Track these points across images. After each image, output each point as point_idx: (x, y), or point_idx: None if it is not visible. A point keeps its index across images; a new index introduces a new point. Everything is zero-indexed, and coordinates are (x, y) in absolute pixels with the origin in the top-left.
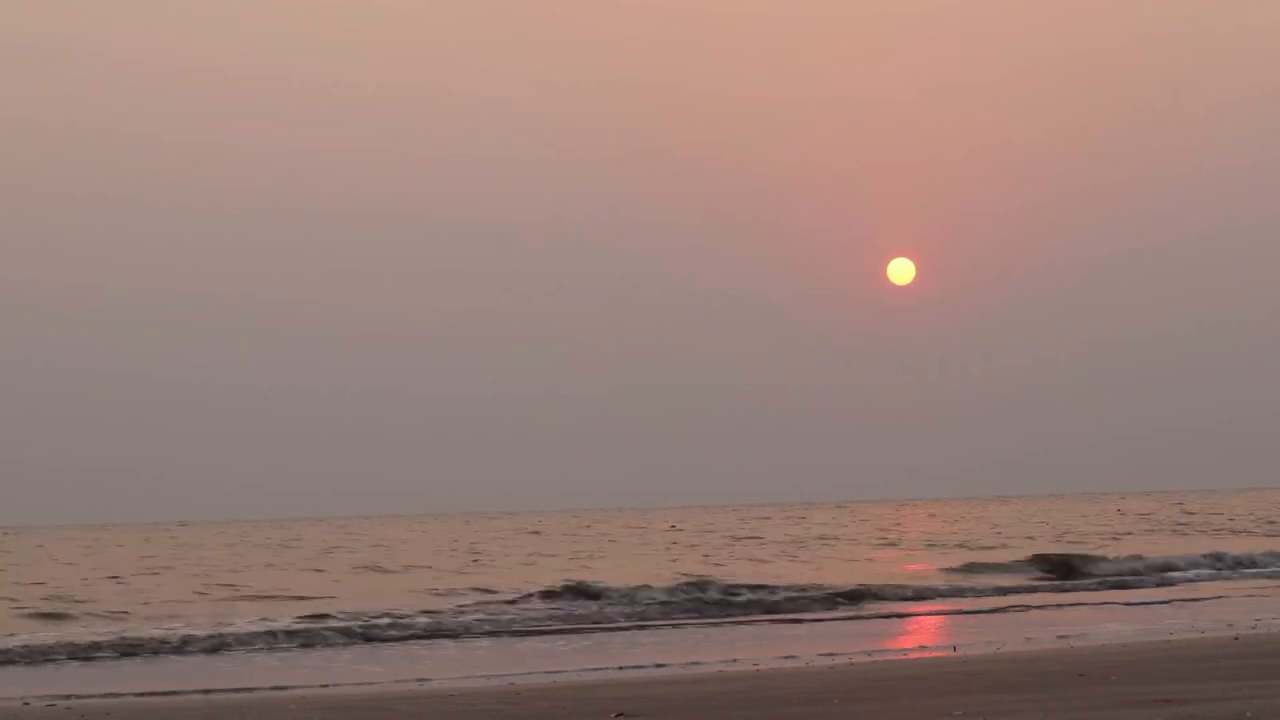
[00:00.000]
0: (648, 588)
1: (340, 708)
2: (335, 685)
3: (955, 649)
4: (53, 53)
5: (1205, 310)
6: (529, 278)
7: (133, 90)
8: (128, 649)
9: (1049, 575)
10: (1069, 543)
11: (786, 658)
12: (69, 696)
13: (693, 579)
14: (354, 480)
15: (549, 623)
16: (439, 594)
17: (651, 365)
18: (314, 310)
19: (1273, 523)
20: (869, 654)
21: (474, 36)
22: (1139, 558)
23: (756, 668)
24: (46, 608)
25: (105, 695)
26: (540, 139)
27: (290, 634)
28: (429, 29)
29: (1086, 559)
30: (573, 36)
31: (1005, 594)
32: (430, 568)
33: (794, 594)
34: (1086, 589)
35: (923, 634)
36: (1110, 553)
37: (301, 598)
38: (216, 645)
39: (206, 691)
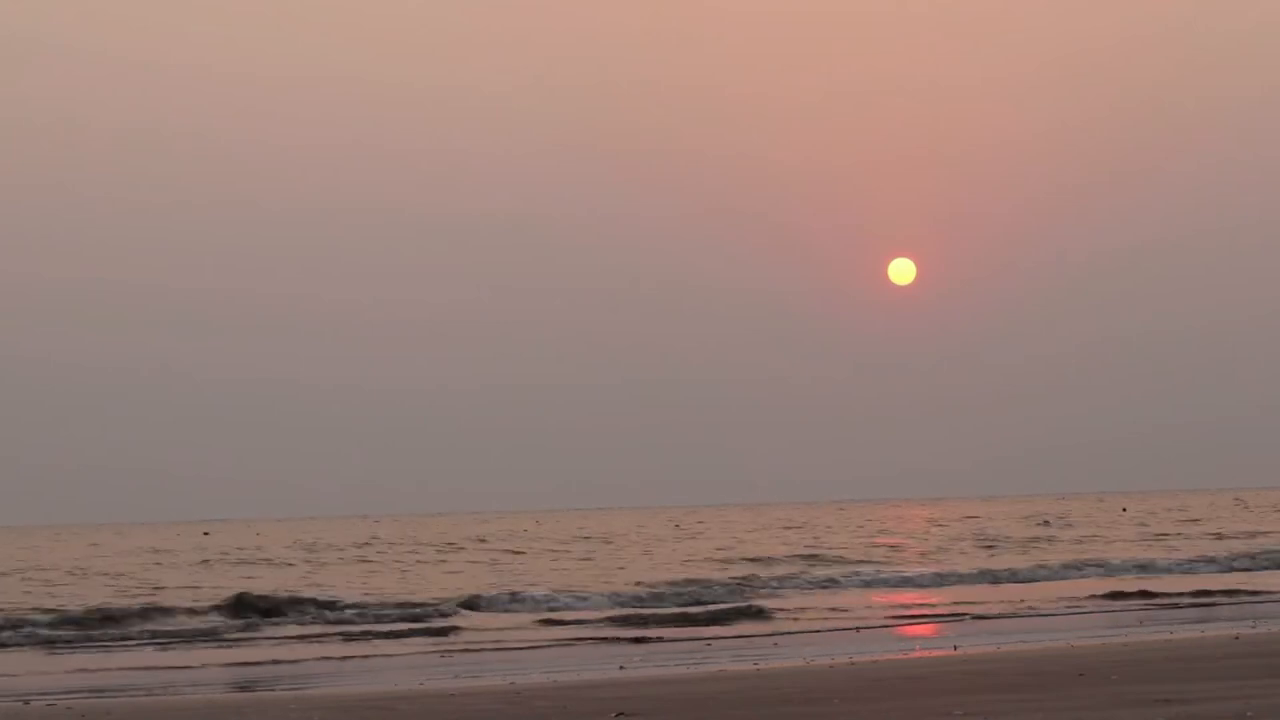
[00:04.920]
0: None
1: (341, 707)
2: (338, 684)
3: (956, 648)
4: (53, 52)
5: (1209, 309)
6: (530, 273)
7: (133, 90)
8: None
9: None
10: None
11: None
12: (69, 694)
13: None
14: (352, 479)
15: None
16: None
17: (651, 362)
18: (313, 306)
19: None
20: (869, 654)
21: (474, 33)
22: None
23: (756, 667)
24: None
25: (94, 692)
26: (541, 135)
27: None
28: (429, 26)
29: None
30: (573, 34)
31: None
32: None
33: None
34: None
35: None
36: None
37: None
38: None
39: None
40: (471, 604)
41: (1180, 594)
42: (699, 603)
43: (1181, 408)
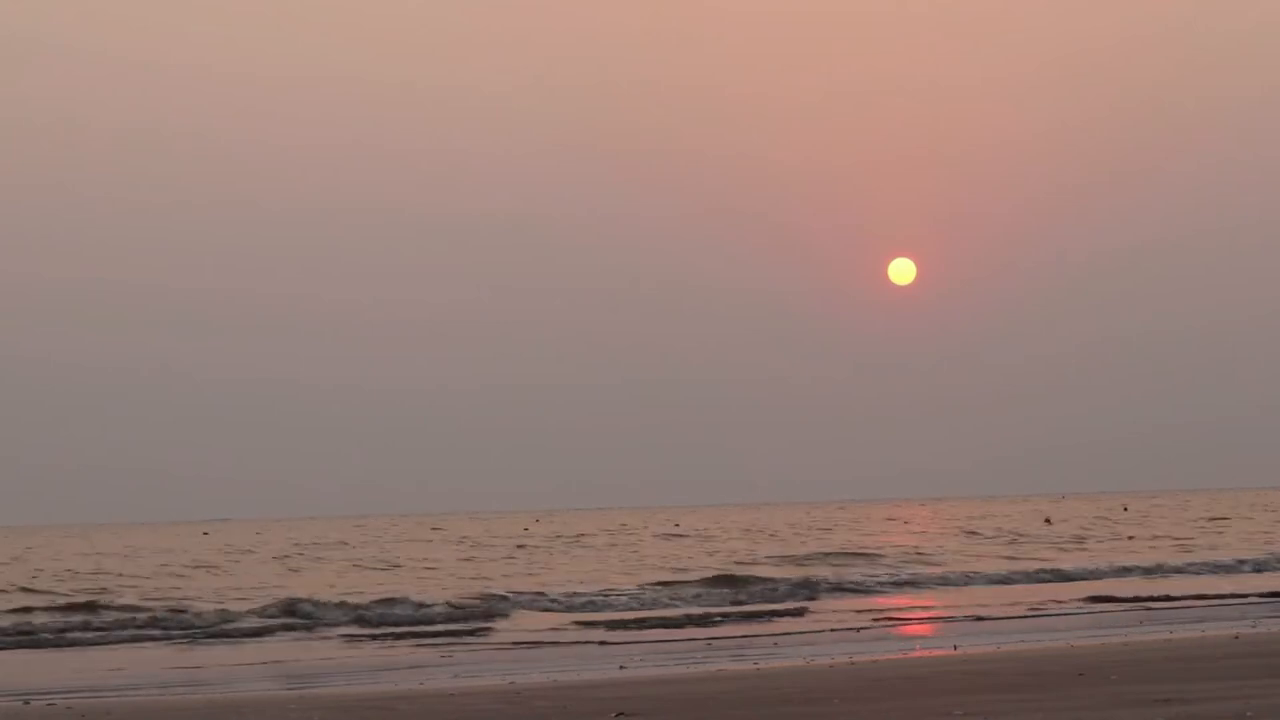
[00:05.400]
0: None
1: (341, 707)
2: (336, 684)
3: (956, 648)
4: (53, 52)
5: (1209, 309)
6: (530, 273)
7: (133, 90)
8: None
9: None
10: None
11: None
12: (69, 694)
13: None
14: (352, 479)
15: None
16: None
17: (651, 362)
18: (313, 306)
19: None
20: (869, 654)
21: (474, 33)
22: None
23: (756, 667)
24: None
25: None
26: (541, 135)
27: None
28: (429, 26)
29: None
30: (573, 34)
31: None
32: None
33: None
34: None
35: None
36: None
37: None
38: None
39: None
40: (528, 603)
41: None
42: (766, 600)
43: (1181, 408)
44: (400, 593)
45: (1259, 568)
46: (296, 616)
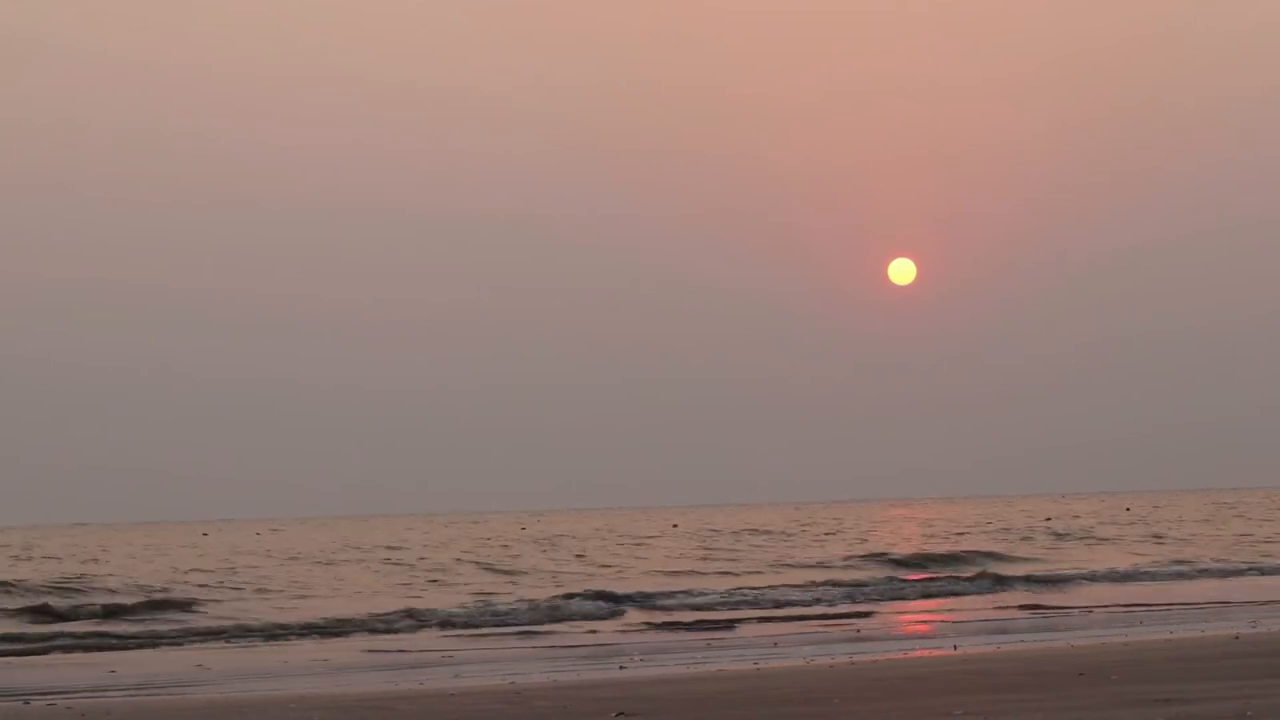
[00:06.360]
0: None
1: (340, 707)
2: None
3: (956, 648)
4: (53, 52)
5: (1209, 309)
6: (530, 273)
7: (133, 90)
8: None
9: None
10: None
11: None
12: (69, 694)
13: None
14: (352, 479)
15: None
16: None
17: (651, 362)
18: (313, 306)
19: None
20: (869, 654)
21: (474, 33)
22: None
23: (756, 667)
24: None
25: (93, 690)
26: (541, 135)
27: None
28: (429, 26)
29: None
30: (573, 34)
31: None
32: None
33: None
34: None
35: None
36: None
37: None
38: None
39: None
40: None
41: None
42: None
43: (1181, 408)
44: (517, 591)
45: None
46: (414, 619)
